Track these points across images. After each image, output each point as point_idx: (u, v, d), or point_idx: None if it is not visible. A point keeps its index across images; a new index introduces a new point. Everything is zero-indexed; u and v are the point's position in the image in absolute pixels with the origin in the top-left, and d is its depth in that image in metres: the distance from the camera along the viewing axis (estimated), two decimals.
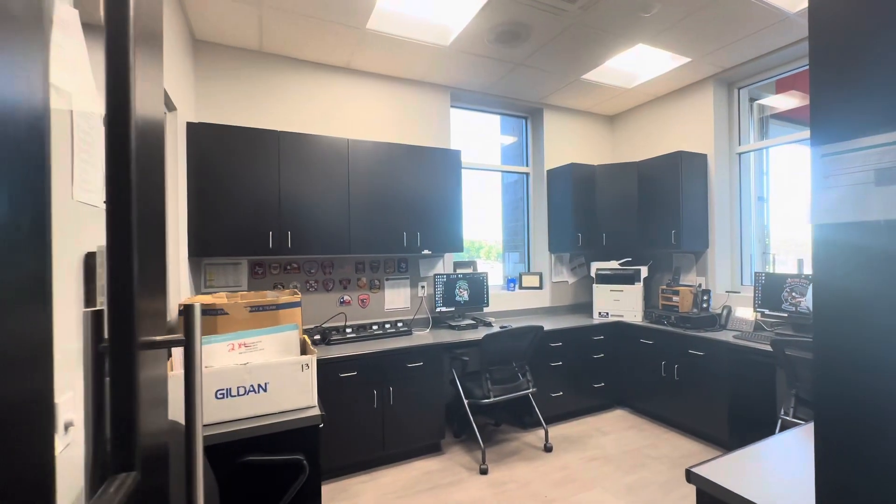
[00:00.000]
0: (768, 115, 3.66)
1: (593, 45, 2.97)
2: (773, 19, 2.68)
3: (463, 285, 3.49)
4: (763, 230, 3.64)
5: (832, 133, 0.89)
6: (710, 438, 2.98)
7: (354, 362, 2.63)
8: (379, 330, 3.10)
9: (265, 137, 2.68)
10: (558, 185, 4.00)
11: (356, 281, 3.27)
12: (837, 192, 0.88)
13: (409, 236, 3.12)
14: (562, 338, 3.38)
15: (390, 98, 3.44)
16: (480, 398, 2.81)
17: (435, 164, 3.23)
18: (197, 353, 0.74)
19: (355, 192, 2.93)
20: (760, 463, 1.21)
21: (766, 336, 2.80)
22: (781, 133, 3.60)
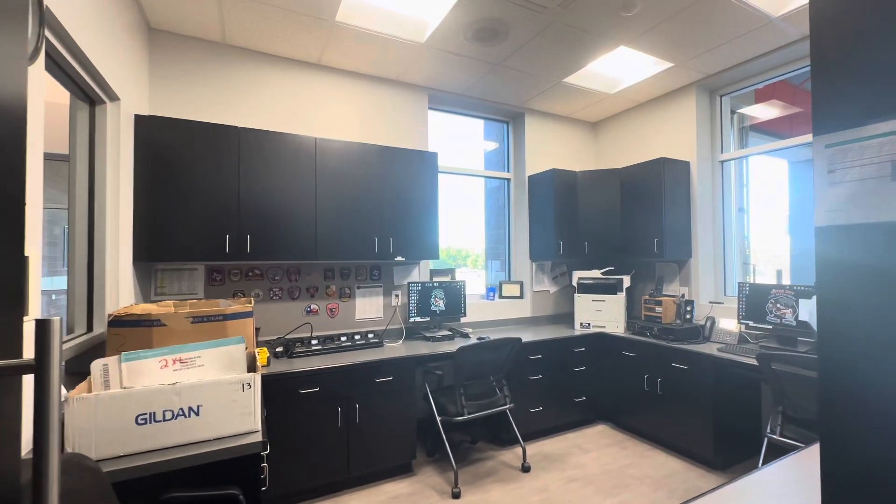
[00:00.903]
0: (747, 125, 3.63)
1: (574, 46, 2.88)
2: (757, 23, 2.62)
3: (439, 294, 3.32)
4: (744, 241, 3.58)
5: (838, 119, 0.76)
6: (694, 456, 2.85)
7: (317, 377, 2.43)
8: (348, 342, 2.90)
9: (224, 134, 2.49)
10: (540, 192, 3.88)
11: (325, 289, 3.08)
12: (845, 189, 0.75)
13: (381, 242, 2.94)
14: (542, 350, 3.23)
15: (365, 98, 3.29)
16: (454, 415, 2.63)
17: (410, 166, 3.07)
18: (52, 381, 0.55)
19: (324, 195, 2.75)
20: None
21: (751, 349, 2.70)
22: (757, 143, 3.56)
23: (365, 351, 2.82)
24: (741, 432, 2.87)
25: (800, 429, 2.19)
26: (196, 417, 1.40)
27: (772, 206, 3.70)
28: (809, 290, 2.61)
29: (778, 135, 4.22)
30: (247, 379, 1.48)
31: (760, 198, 3.62)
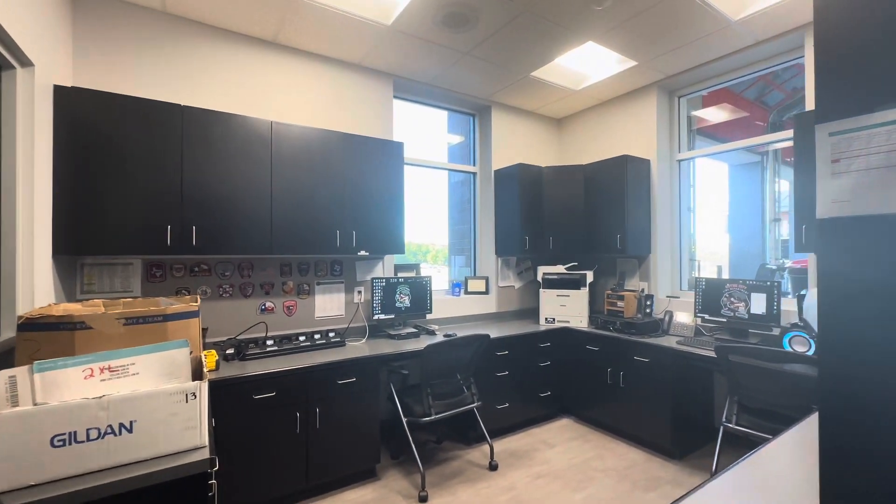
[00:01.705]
0: (695, 128, 3.78)
1: (544, 39, 2.84)
2: (717, 26, 2.70)
3: (404, 290, 3.20)
4: (690, 239, 3.74)
5: (843, 106, 0.73)
6: (654, 447, 2.93)
7: (273, 381, 2.24)
8: (307, 341, 2.71)
9: (165, 112, 2.22)
10: (506, 186, 3.84)
11: (281, 285, 2.86)
12: (850, 179, 0.73)
13: (343, 235, 2.77)
14: (508, 346, 3.20)
15: (325, 82, 3.08)
16: (420, 416, 2.53)
17: (374, 155, 2.92)
18: None
19: (280, 184, 2.55)
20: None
21: (706, 341, 2.81)
22: (703, 145, 3.73)
23: (326, 351, 2.65)
24: (696, 422, 2.99)
25: (754, 418, 2.29)
26: (129, 435, 1.20)
27: (713, 206, 3.90)
28: (761, 284, 2.74)
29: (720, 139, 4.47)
30: (191, 388, 1.30)
31: (704, 198, 3.81)
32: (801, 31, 2.68)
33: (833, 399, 0.71)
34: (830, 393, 0.71)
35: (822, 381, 0.73)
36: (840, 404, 0.70)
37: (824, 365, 0.73)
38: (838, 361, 0.71)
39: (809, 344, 2.36)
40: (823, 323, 0.73)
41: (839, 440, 0.70)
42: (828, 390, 0.72)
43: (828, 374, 0.72)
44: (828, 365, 0.72)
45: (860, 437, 0.68)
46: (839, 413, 0.71)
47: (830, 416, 0.71)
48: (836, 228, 0.72)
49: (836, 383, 0.71)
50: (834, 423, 0.71)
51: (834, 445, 0.71)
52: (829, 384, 0.72)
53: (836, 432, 0.70)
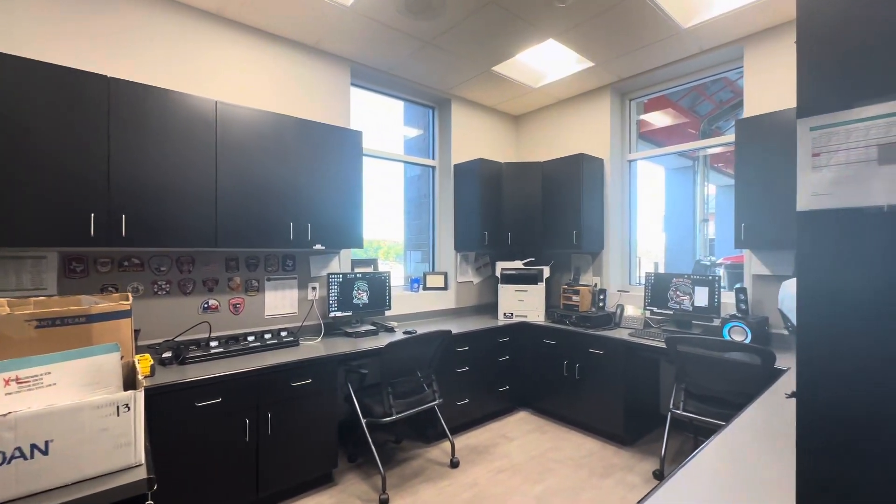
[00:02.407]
0: (638, 132, 3.98)
1: (507, 33, 2.83)
2: (668, 33, 2.83)
3: (362, 286, 3.07)
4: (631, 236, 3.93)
5: (823, 101, 0.76)
6: (608, 435, 3.04)
7: (219, 386, 2.05)
8: (256, 342, 2.52)
9: (88, 84, 1.94)
10: (465, 181, 3.82)
11: (227, 281, 2.63)
12: (830, 173, 0.75)
13: (297, 228, 2.60)
14: (468, 341, 3.18)
15: (278, 63, 2.87)
16: (381, 416, 2.44)
17: (331, 144, 2.76)
18: None
19: (226, 170, 2.33)
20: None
21: (654, 332, 2.96)
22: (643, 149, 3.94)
23: (277, 351, 2.47)
24: (645, 410, 3.14)
25: (699, 404, 2.43)
26: (43, 458, 1.02)
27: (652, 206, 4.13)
28: (704, 279, 2.93)
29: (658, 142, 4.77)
30: (123, 399, 1.13)
31: (644, 199, 4.02)
32: (741, 44, 2.88)
33: (812, 389, 0.74)
34: (809, 383, 0.74)
35: (801, 371, 0.75)
36: (818, 394, 0.73)
37: (803, 355, 0.75)
38: (817, 351, 0.73)
39: (746, 333, 2.55)
40: (802, 313, 0.76)
41: (817, 430, 0.73)
42: (806, 380, 0.74)
43: (806, 363, 0.74)
44: (806, 354, 0.74)
45: (837, 427, 0.70)
46: (817, 402, 0.73)
47: (809, 406, 0.74)
48: (816, 221, 0.75)
49: (815, 373, 0.73)
50: (812, 412, 0.73)
51: (812, 435, 0.73)
52: (807, 374, 0.74)
53: (814, 421, 0.73)
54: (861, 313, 0.69)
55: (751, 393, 2.30)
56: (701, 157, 6.81)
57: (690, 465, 1.16)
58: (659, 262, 5.48)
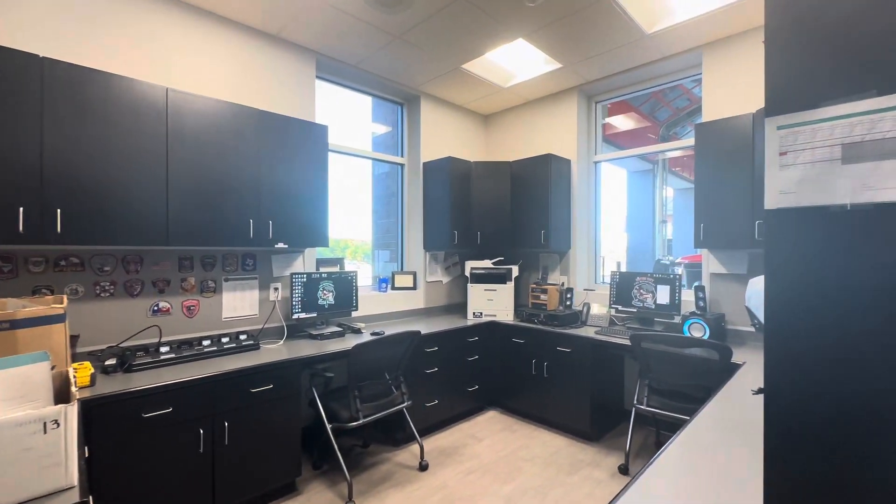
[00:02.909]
0: (602, 134, 4.08)
1: (478, 31, 2.80)
2: (632, 37, 2.90)
3: (328, 286, 2.97)
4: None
5: (790, 100, 0.77)
6: (576, 432, 3.09)
7: (169, 395, 1.90)
8: (213, 346, 2.37)
9: (17, 63, 1.75)
10: (435, 179, 3.78)
11: (180, 282, 2.46)
12: (796, 172, 0.76)
13: (258, 226, 2.47)
14: (437, 342, 3.14)
15: (239, 51, 2.71)
16: (348, 421, 2.36)
17: (295, 138, 2.64)
18: None
19: (179, 163, 2.17)
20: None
21: (619, 330, 3.03)
22: (606, 151, 4.05)
23: (236, 356, 2.33)
24: (609, 405, 3.22)
25: (662, 398, 2.50)
26: None
27: (614, 207, 4.25)
28: (666, 277, 3.03)
29: (619, 146, 4.94)
30: (51, 414, 1.00)
31: (607, 200, 4.13)
32: (700, 51, 2.99)
33: (779, 386, 0.74)
34: (777, 380, 0.75)
35: (769, 369, 0.76)
36: (786, 391, 0.74)
37: (770, 352, 0.76)
38: (784, 348, 0.74)
39: (705, 329, 2.65)
40: (770, 311, 0.77)
41: (784, 426, 0.73)
42: (774, 377, 0.75)
43: (774, 361, 0.75)
44: (774, 352, 0.75)
45: (805, 423, 0.71)
46: (784, 399, 0.74)
47: (776, 402, 0.75)
48: (783, 219, 0.76)
49: (783, 371, 0.74)
50: (779, 409, 0.74)
51: (779, 430, 0.74)
52: (775, 371, 0.75)
53: (782, 418, 0.74)
54: (827, 310, 0.70)
55: (710, 386, 2.39)
56: (660, 161, 7.12)
57: (657, 463, 1.17)
58: (621, 262, 5.67)
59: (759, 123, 2.44)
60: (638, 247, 7.17)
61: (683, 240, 7.65)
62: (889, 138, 0.66)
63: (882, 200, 0.66)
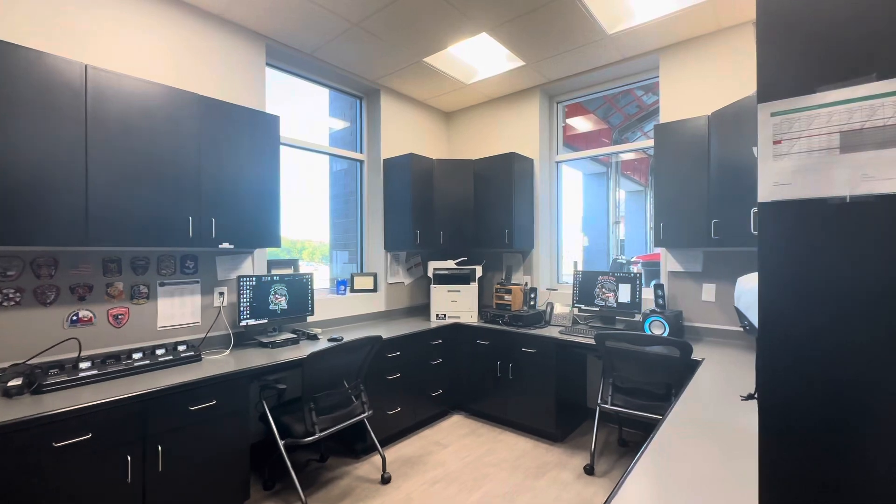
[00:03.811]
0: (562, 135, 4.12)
1: (441, 22, 2.70)
2: (594, 37, 2.91)
3: (280, 290, 2.75)
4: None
5: (784, 85, 0.72)
6: (541, 433, 3.06)
7: (88, 418, 1.64)
8: (145, 359, 2.10)
9: None
10: (396, 177, 3.63)
11: (105, 288, 2.17)
12: (792, 161, 0.71)
13: (199, 224, 2.22)
14: (400, 346, 3.00)
15: (177, 30, 2.44)
16: (302, 436, 2.17)
17: (242, 128, 2.42)
18: None
19: (101, 151, 1.90)
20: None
21: (582, 329, 3.03)
22: (564, 153, 4.10)
23: (173, 370, 2.08)
24: (573, 405, 3.22)
25: (626, 396, 2.51)
26: None
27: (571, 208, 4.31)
28: (627, 276, 3.06)
29: (574, 147, 5.04)
30: None
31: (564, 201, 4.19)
32: (658, 54, 3.06)
33: (775, 391, 0.69)
34: (772, 384, 0.69)
35: (763, 373, 0.71)
36: (782, 396, 0.68)
37: (766, 355, 0.71)
38: (781, 351, 0.69)
39: (664, 326, 2.69)
40: (765, 311, 0.71)
41: (780, 432, 0.68)
42: (770, 382, 0.70)
43: (769, 364, 0.70)
44: (769, 355, 0.70)
45: (802, 429, 0.66)
46: (780, 405, 0.69)
47: (772, 409, 0.69)
48: (778, 212, 0.70)
49: (779, 374, 0.69)
50: (775, 416, 0.69)
51: (775, 437, 0.69)
52: (770, 375, 0.70)
53: (778, 426, 0.69)
54: (826, 310, 0.65)
55: (670, 383, 2.42)
56: (613, 164, 7.37)
57: (637, 470, 1.12)
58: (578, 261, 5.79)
59: (714, 125, 2.50)
60: (593, 247, 7.37)
61: (635, 239, 7.97)
62: (890, 125, 0.62)
63: (883, 192, 0.62)
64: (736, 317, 2.72)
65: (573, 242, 6.08)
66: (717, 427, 1.37)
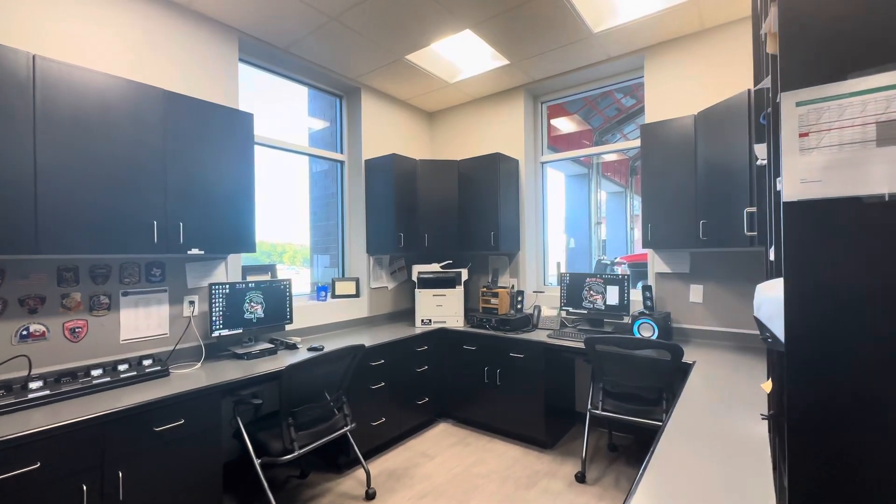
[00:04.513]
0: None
1: (423, 17, 2.61)
2: (579, 36, 2.86)
3: (256, 297, 2.60)
4: None
5: (811, 71, 0.65)
6: (530, 440, 2.98)
7: (35, 446, 1.48)
8: (105, 376, 1.93)
9: None
10: (378, 178, 3.51)
11: (60, 299, 1.99)
12: (821, 156, 0.64)
13: (165, 228, 2.07)
14: (384, 354, 2.88)
15: (140, 20, 2.27)
16: (280, 454, 2.04)
17: (212, 126, 2.27)
18: None
19: (53, 150, 1.73)
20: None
21: (570, 332, 2.97)
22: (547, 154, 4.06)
23: (137, 387, 1.92)
24: (562, 410, 3.16)
25: (616, 401, 2.46)
26: None
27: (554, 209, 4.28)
28: (615, 277, 3.02)
29: (557, 149, 5.02)
30: None
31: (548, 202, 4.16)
32: (642, 54, 3.04)
33: (803, 404, 0.62)
34: (800, 399, 0.62)
35: (793, 394, 0.63)
36: (815, 420, 0.61)
37: (795, 372, 0.63)
38: (813, 367, 0.62)
39: (653, 329, 2.65)
40: (793, 323, 0.64)
41: (810, 446, 0.61)
42: (798, 397, 0.63)
43: (800, 382, 0.62)
44: (799, 372, 0.63)
45: (834, 442, 0.59)
46: (811, 430, 0.61)
47: (802, 434, 0.62)
48: (806, 213, 0.63)
49: (806, 388, 0.62)
50: (807, 443, 0.62)
51: (804, 455, 0.62)
52: (801, 395, 0.62)
53: (806, 437, 0.61)
54: (864, 323, 0.58)
55: (661, 387, 2.38)
56: (595, 165, 7.42)
57: (641, 492, 1.04)
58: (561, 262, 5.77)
59: (700, 125, 2.48)
60: (575, 248, 7.40)
61: (615, 240, 8.05)
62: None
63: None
64: (725, 318, 2.71)
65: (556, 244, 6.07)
66: (720, 438, 1.31)
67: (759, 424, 1.40)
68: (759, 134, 1.29)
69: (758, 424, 1.40)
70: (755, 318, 0.79)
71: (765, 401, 1.60)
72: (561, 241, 7.03)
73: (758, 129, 1.32)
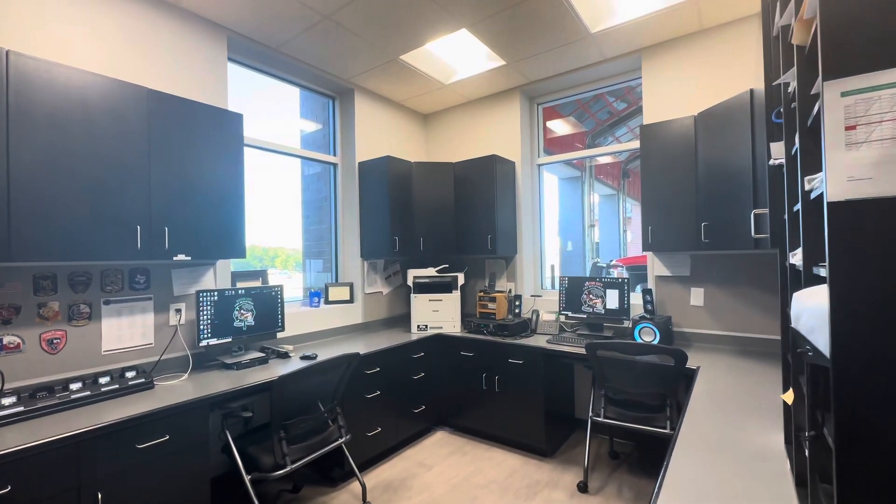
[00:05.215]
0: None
1: (419, 16, 2.55)
2: (577, 36, 2.82)
3: (246, 304, 2.50)
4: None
5: (859, 57, 0.59)
6: (530, 448, 2.91)
7: (6, 468, 1.37)
8: (84, 389, 1.83)
9: None
10: (372, 181, 3.44)
11: (36, 309, 1.88)
12: (871, 151, 0.58)
13: (149, 234, 1.97)
14: (379, 361, 2.80)
15: (123, 17, 2.18)
16: (271, 469, 1.94)
17: (200, 127, 2.18)
18: None
19: (27, 151, 1.64)
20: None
21: (570, 337, 2.91)
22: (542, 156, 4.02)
23: (119, 401, 1.82)
24: (562, 416, 3.09)
25: (618, 408, 2.40)
26: None
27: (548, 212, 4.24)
28: (614, 281, 2.97)
29: (551, 151, 4.98)
30: None
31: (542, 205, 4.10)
32: (639, 54, 3.00)
33: (854, 415, 0.56)
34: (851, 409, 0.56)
35: (838, 398, 0.57)
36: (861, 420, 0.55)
37: (840, 384, 0.57)
38: (864, 385, 0.56)
39: (655, 333, 2.60)
40: (839, 333, 0.58)
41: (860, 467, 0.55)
42: (847, 407, 0.56)
43: (846, 388, 0.56)
44: (847, 390, 0.57)
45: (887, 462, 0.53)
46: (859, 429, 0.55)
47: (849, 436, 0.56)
48: (854, 214, 0.58)
49: (858, 400, 0.56)
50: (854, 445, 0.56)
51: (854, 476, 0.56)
52: (849, 401, 0.56)
53: (855, 457, 0.55)
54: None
55: (664, 393, 2.32)
56: (588, 168, 7.43)
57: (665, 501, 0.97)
58: (555, 265, 5.73)
59: (701, 126, 2.44)
60: (572, 251, 7.38)
61: (608, 243, 8.06)
62: None
63: None
64: (727, 322, 2.67)
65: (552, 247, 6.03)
66: (734, 449, 1.26)
67: (774, 434, 1.34)
68: (772, 132, 1.24)
69: (772, 434, 1.34)
70: (792, 328, 0.73)
71: (776, 409, 1.55)
72: (555, 245, 7.00)
73: (769, 128, 1.27)
